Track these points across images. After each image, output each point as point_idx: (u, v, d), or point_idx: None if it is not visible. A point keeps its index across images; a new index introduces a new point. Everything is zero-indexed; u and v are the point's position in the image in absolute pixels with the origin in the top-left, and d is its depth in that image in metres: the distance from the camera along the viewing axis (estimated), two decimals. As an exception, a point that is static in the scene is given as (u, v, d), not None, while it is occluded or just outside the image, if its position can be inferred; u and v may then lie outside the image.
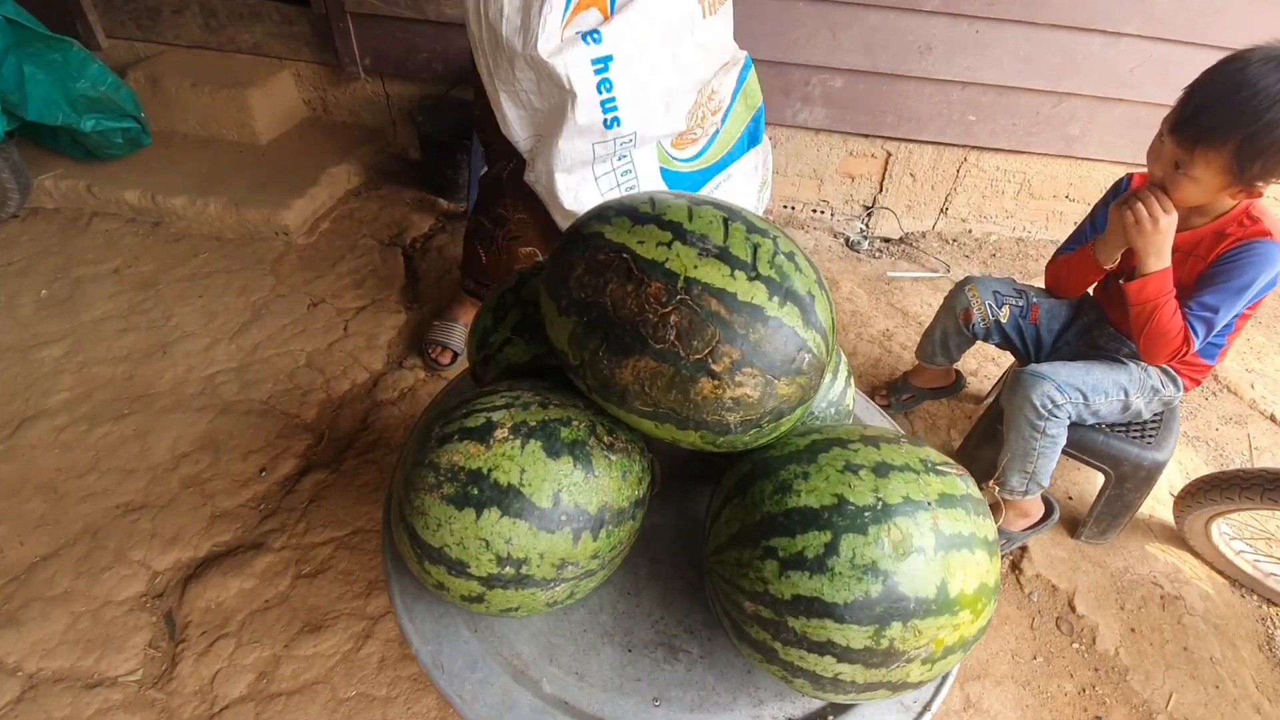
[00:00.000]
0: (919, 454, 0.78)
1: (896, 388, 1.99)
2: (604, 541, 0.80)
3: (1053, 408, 1.43)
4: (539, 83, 1.38)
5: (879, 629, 0.68)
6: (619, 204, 0.81)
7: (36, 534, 1.49)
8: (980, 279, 1.69)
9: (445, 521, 0.75)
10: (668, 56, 1.45)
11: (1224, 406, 2.17)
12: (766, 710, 0.86)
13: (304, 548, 1.50)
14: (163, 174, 2.45)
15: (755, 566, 0.72)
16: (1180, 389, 1.51)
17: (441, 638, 0.88)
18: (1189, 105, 1.22)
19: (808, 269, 0.77)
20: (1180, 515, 1.63)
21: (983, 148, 2.68)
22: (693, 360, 0.70)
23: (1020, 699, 1.40)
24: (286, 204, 2.37)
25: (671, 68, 1.47)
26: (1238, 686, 1.43)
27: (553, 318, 0.81)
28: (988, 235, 2.92)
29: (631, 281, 0.73)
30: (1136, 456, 1.51)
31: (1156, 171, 1.31)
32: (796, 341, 0.73)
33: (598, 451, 0.80)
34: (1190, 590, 1.61)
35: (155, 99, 2.58)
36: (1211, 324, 1.31)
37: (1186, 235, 1.35)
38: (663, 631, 0.92)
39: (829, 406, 0.99)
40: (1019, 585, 1.61)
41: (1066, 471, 1.87)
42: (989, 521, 0.77)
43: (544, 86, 1.38)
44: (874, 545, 0.68)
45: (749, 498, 0.76)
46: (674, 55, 1.46)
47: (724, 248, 0.73)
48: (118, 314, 2.05)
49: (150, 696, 1.28)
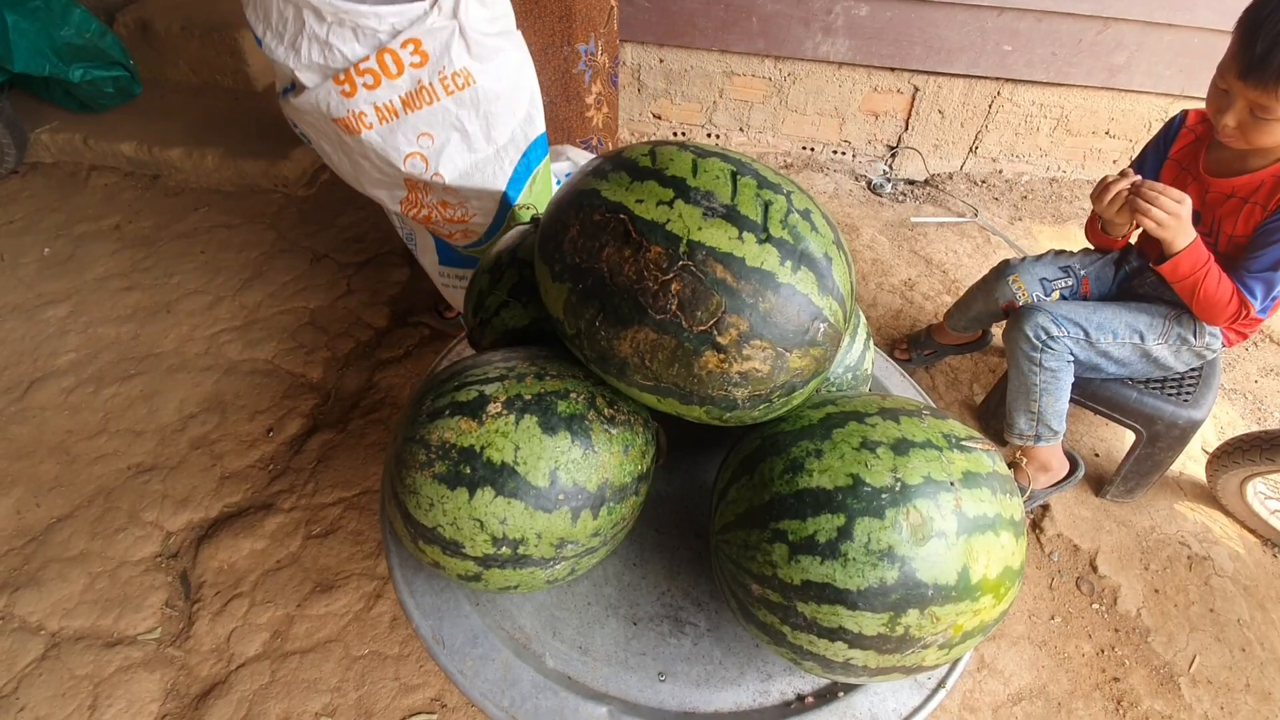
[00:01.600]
0: (942, 428, 0.72)
1: (918, 342, 1.91)
2: (605, 519, 0.76)
3: (1047, 339, 1.38)
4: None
5: (894, 616, 0.64)
6: (618, 157, 0.74)
7: (51, 496, 1.50)
8: (1023, 265, 1.56)
9: (437, 501, 0.71)
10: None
11: (1265, 357, 2.07)
12: (775, 685, 0.83)
13: (313, 508, 1.50)
14: (158, 124, 2.37)
15: (763, 549, 0.68)
16: (1219, 341, 1.42)
17: (442, 612, 0.86)
18: (1257, 44, 1.07)
19: (825, 228, 0.70)
20: (1214, 474, 1.56)
21: (1018, 80, 2.50)
22: (696, 332, 0.64)
23: (1036, 660, 1.37)
24: (285, 154, 2.29)
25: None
26: (1265, 649, 1.40)
27: (546, 283, 0.75)
28: (1019, 175, 2.76)
29: (629, 245, 0.66)
30: (1171, 414, 1.44)
31: (1229, 122, 1.17)
32: (811, 310, 0.66)
33: (597, 426, 0.75)
34: (1220, 550, 1.56)
35: (145, 44, 2.48)
36: (1272, 283, 1.21)
37: (1244, 180, 1.24)
38: (669, 604, 0.90)
39: (846, 372, 0.93)
40: (1039, 544, 1.57)
41: (1093, 428, 1.80)
42: (1016, 500, 0.71)
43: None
44: (891, 530, 0.63)
45: (757, 476, 0.71)
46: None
47: (731, 206, 0.66)
48: (120, 272, 2.02)
49: (169, 654, 1.30)
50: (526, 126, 1.30)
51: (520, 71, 1.26)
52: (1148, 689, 1.34)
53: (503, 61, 1.21)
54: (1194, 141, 1.36)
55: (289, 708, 1.24)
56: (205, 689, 1.26)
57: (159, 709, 1.24)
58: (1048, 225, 2.54)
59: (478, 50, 1.17)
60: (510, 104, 1.25)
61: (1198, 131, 1.36)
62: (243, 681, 1.27)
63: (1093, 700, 1.33)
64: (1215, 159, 1.31)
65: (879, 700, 0.82)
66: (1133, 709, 1.32)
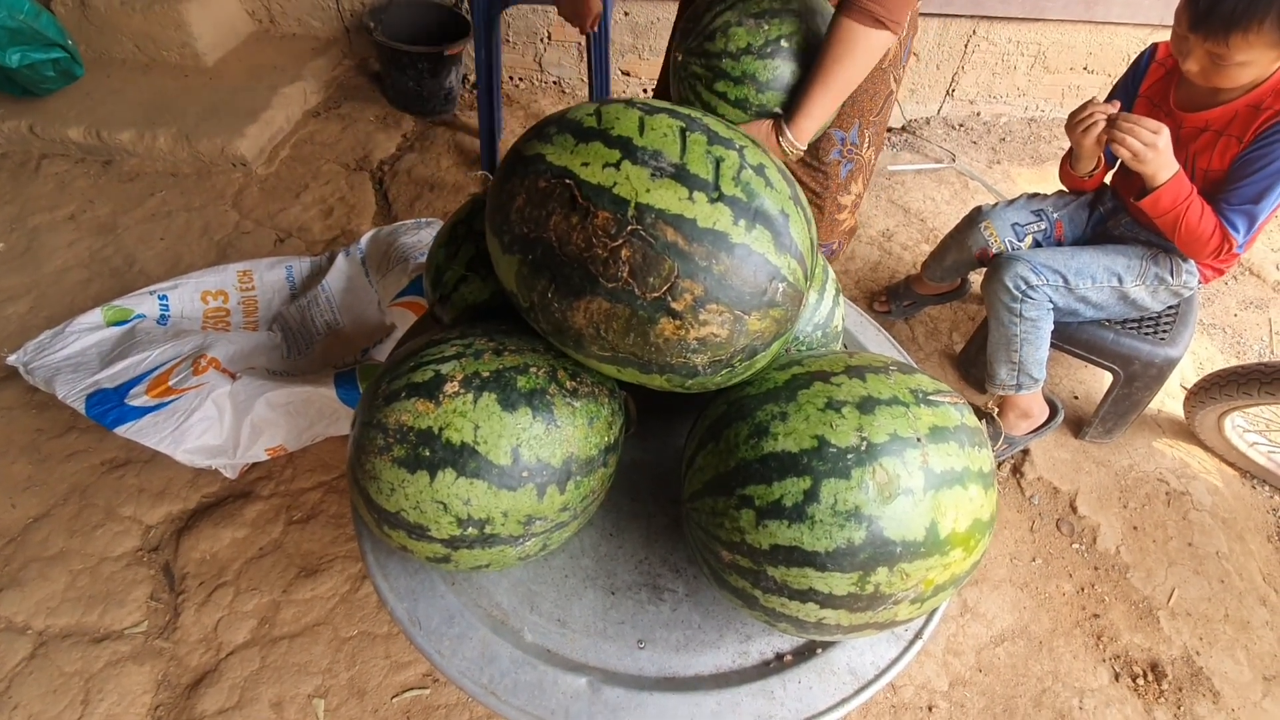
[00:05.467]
0: (909, 384, 0.71)
1: (897, 294, 1.90)
2: (573, 494, 0.75)
3: (1026, 289, 1.37)
4: None
5: (864, 575, 0.63)
6: (561, 117, 0.70)
7: (26, 496, 1.48)
8: (994, 211, 1.54)
9: (399, 485, 0.70)
10: None
11: (1244, 290, 2.07)
12: (754, 646, 0.84)
13: (292, 494, 1.49)
14: (105, 107, 2.27)
15: (731, 516, 0.67)
16: (1196, 279, 1.41)
17: (417, 594, 0.85)
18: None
19: (780, 183, 0.67)
20: (1192, 411, 1.58)
21: (994, 17, 2.44)
22: (650, 299, 0.62)
23: (1018, 601, 1.40)
24: (240, 131, 2.21)
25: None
26: (1244, 579, 1.43)
27: (497, 255, 0.73)
28: (997, 117, 2.72)
29: (576, 212, 0.63)
30: (1148, 354, 1.44)
31: (1192, 67, 1.17)
32: (768, 270, 0.64)
33: (559, 399, 0.73)
34: (1197, 485, 1.58)
35: (85, 22, 2.36)
36: (1254, 216, 1.19)
37: (1217, 112, 1.21)
38: (647, 572, 0.89)
39: (815, 330, 0.91)
40: (1019, 489, 1.58)
41: (1072, 370, 1.80)
42: (985, 452, 0.71)
43: None
44: (857, 489, 0.62)
45: (723, 442, 0.70)
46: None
47: (681, 165, 0.63)
48: (79, 263, 1.96)
49: (157, 646, 1.30)
50: None
51: None
52: (1127, 624, 1.37)
53: None
54: (1164, 76, 1.33)
55: (281, 691, 1.25)
56: (196, 678, 1.26)
57: (151, 700, 1.24)
58: (1026, 167, 2.51)
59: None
60: None
61: (1168, 65, 1.33)
62: (233, 669, 1.27)
63: (1073, 637, 1.36)
64: (1186, 93, 1.28)
65: (857, 654, 0.82)
66: (1112, 643, 1.35)
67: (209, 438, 1.39)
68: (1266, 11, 1.03)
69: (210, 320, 1.72)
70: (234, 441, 1.42)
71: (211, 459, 1.41)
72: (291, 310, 1.73)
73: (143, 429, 1.37)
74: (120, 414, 1.38)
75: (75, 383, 1.43)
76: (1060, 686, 1.31)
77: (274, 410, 1.44)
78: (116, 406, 1.38)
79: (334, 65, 2.58)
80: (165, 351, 1.49)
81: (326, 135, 2.39)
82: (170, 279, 1.77)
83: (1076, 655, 1.34)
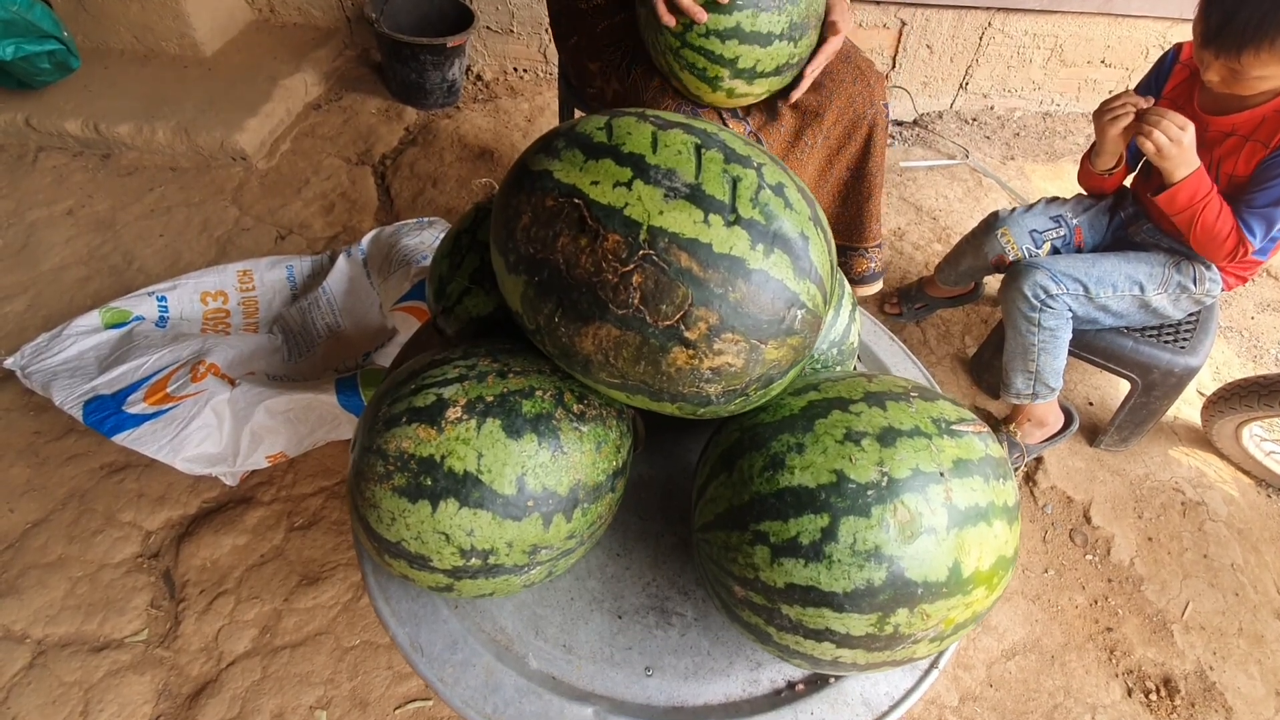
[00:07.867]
0: (931, 412, 0.68)
1: (909, 296, 1.86)
2: (580, 521, 0.72)
3: (1046, 298, 1.34)
4: None
5: (883, 616, 0.61)
6: (570, 130, 0.67)
7: (24, 501, 1.46)
8: (1011, 218, 1.49)
9: (399, 515, 0.67)
10: None
11: (1262, 293, 2.03)
12: (765, 674, 0.81)
13: (294, 500, 1.47)
14: (102, 99, 2.23)
15: (744, 551, 0.64)
16: (1219, 286, 1.37)
17: (419, 618, 0.83)
18: (1212, 15, 1.08)
19: (800, 203, 0.64)
20: (1209, 419, 1.54)
21: (1009, 9, 2.38)
22: (662, 327, 0.59)
23: (1030, 614, 1.38)
24: (240, 124, 2.17)
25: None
26: (1259, 592, 1.40)
27: (502, 274, 0.70)
28: (1011, 112, 2.66)
29: (585, 234, 0.60)
30: (1168, 363, 1.41)
31: (1213, 77, 1.15)
32: (787, 297, 0.61)
33: (566, 425, 0.70)
34: (1214, 495, 1.55)
35: (81, 12, 2.32)
36: (1273, 220, 1.16)
37: (1244, 117, 1.17)
38: (654, 595, 0.87)
39: (830, 347, 0.88)
40: (1032, 498, 1.55)
41: (1087, 376, 1.77)
42: (1009, 484, 0.68)
43: None
44: (878, 528, 0.60)
45: (736, 474, 0.67)
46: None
47: (696, 185, 0.60)
48: (77, 260, 1.93)
49: (158, 655, 1.29)
50: None
51: None
52: (1140, 638, 1.35)
53: None
54: (1188, 79, 1.29)
55: (283, 702, 1.23)
56: (197, 688, 1.25)
57: (152, 710, 1.23)
58: (1041, 164, 2.45)
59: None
60: None
61: (1191, 67, 1.28)
62: (234, 679, 1.25)
63: (1086, 651, 1.34)
64: (1211, 97, 1.24)
65: (870, 684, 0.80)
66: (1125, 658, 1.33)
67: (208, 446, 1.37)
68: (1278, 30, 1.02)
69: (210, 322, 1.70)
70: (234, 449, 1.39)
71: (211, 467, 1.39)
72: (292, 312, 1.71)
73: (141, 437, 1.34)
74: (118, 421, 1.35)
75: (73, 388, 1.41)
76: (1072, 702, 1.29)
77: (274, 417, 1.41)
78: (114, 414, 1.36)
79: (335, 56, 2.54)
80: (163, 356, 1.46)
81: (328, 128, 2.35)
82: (169, 279, 1.74)
83: (1089, 670, 1.32)
